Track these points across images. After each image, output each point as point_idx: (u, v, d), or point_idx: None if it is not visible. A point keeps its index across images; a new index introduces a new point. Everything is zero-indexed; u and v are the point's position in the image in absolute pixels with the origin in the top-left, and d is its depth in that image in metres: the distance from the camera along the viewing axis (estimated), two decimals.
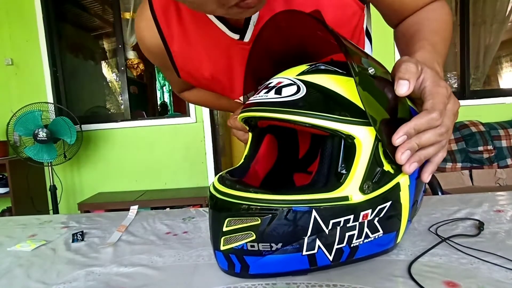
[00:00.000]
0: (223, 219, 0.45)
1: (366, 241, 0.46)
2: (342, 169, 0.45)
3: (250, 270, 0.46)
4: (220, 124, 3.45)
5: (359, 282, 0.45)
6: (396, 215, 0.48)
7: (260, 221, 0.43)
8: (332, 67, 0.49)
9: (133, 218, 0.83)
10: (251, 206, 0.44)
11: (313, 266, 0.46)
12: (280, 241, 0.44)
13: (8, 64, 3.18)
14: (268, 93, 0.48)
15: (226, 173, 0.54)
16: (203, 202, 2.80)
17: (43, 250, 0.66)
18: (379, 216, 0.46)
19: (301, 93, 0.45)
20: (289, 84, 0.47)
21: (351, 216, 0.44)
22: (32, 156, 2.70)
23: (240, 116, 0.53)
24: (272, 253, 0.44)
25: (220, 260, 0.49)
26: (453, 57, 3.44)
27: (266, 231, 0.43)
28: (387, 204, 0.46)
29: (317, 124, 0.43)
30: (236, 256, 0.46)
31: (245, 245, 0.45)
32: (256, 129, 0.58)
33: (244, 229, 0.44)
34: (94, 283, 0.50)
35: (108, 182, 3.29)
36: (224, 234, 0.46)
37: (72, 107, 3.31)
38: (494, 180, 3.03)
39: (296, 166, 0.64)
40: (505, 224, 0.62)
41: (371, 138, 0.44)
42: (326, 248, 0.45)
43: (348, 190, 0.44)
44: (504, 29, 3.51)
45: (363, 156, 0.44)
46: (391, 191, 0.46)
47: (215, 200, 0.48)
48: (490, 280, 0.43)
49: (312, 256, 0.45)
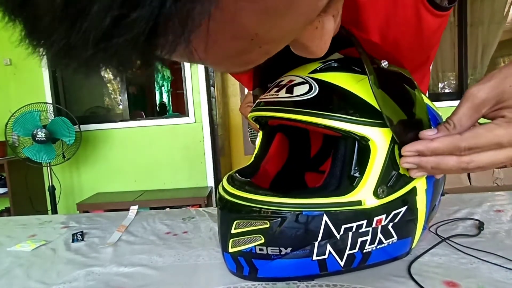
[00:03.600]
0: (232, 221, 0.44)
1: (379, 247, 0.45)
2: (356, 172, 0.43)
3: (258, 273, 0.45)
4: (219, 124, 3.45)
5: (359, 282, 0.45)
6: (412, 220, 0.46)
7: (269, 225, 0.42)
8: (345, 64, 0.47)
9: (133, 218, 0.83)
10: (260, 209, 0.42)
11: (323, 272, 0.44)
12: (290, 246, 0.42)
13: (6, 64, 3.16)
14: (279, 92, 0.46)
15: (235, 173, 0.52)
16: (202, 202, 2.80)
17: (43, 250, 0.66)
18: (393, 221, 0.44)
19: (313, 92, 0.43)
20: (301, 83, 0.45)
21: (364, 221, 0.42)
22: (30, 156, 2.69)
23: (250, 115, 0.52)
24: (281, 257, 0.43)
25: (228, 262, 0.47)
26: (451, 58, 3.45)
27: (275, 235, 0.42)
28: (403, 209, 0.44)
29: (330, 125, 0.41)
30: (244, 259, 0.45)
31: (254, 248, 0.43)
32: (267, 127, 0.56)
33: (252, 232, 0.43)
34: (94, 283, 0.50)
35: (107, 182, 3.29)
36: (233, 236, 0.44)
37: (71, 107, 3.30)
38: (492, 180, 3.04)
39: (307, 165, 0.62)
40: (505, 224, 0.63)
41: (386, 140, 0.42)
42: (337, 253, 0.43)
43: (361, 194, 0.42)
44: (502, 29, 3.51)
45: (378, 158, 0.42)
46: (407, 196, 0.44)
47: (224, 202, 0.46)
48: (490, 280, 0.43)
49: (322, 261, 0.43)
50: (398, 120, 0.41)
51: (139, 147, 3.24)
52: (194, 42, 0.15)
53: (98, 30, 0.13)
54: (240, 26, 0.17)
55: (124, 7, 0.13)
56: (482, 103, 0.39)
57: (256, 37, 0.18)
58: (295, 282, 0.45)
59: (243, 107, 0.71)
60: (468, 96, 0.40)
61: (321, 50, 0.25)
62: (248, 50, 0.20)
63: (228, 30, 0.17)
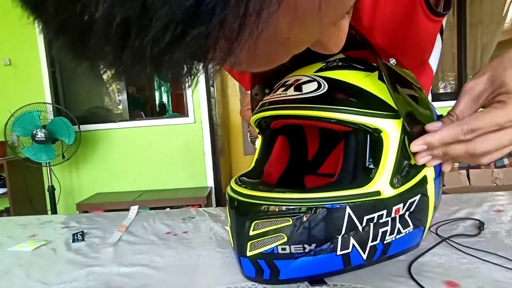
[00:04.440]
0: (249, 223, 0.42)
1: (398, 237, 0.46)
2: (370, 164, 0.44)
3: (280, 275, 0.44)
4: (219, 124, 3.45)
5: (359, 282, 0.45)
6: (425, 208, 0.48)
7: (292, 222, 0.41)
8: (348, 63, 0.47)
9: (133, 218, 0.83)
10: (281, 206, 0.41)
11: (347, 267, 0.44)
12: (314, 242, 0.42)
13: (6, 65, 3.16)
14: (287, 91, 0.46)
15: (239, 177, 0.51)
16: (202, 202, 2.80)
17: (44, 250, 0.66)
18: (409, 210, 0.45)
19: (323, 89, 0.44)
20: (309, 81, 0.45)
21: (384, 211, 0.43)
22: (30, 156, 2.69)
23: (257, 116, 0.51)
24: (305, 255, 0.42)
25: (246, 267, 0.45)
26: (451, 58, 3.45)
27: (299, 232, 0.41)
28: (417, 198, 0.45)
29: (344, 119, 0.42)
30: (265, 261, 0.43)
31: (276, 249, 0.42)
32: (267, 131, 0.56)
33: (274, 232, 0.42)
34: (95, 283, 0.50)
35: (107, 183, 3.28)
36: (251, 239, 0.43)
37: (70, 107, 3.30)
38: (491, 180, 3.04)
39: (306, 168, 0.63)
40: (505, 224, 0.63)
41: (398, 131, 0.43)
42: (360, 246, 0.43)
43: (378, 184, 0.42)
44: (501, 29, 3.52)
45: (391, 149, 0.43)
46: (419, 184, 0.46)
47: (237, 203, 0.44)
48: (490, 280, 0.43)
49: (346, 256, 0.43)
50: (407, 111, 0.42)
51: (138, 147, 3.24)
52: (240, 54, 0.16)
53: (157, 46, 0.14)
54: (276, 33, 0.18)
55: (184, 25, 0.13)
56: (480, 95, 0.43)
57: (287, 41, 0.19)
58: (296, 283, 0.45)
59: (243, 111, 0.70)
60: (466, 90, 0.44)
61: (338, 47, 0.25)
62: (276, 52, 0.20)
63: (264, 37, 0.18)
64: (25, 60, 3.18)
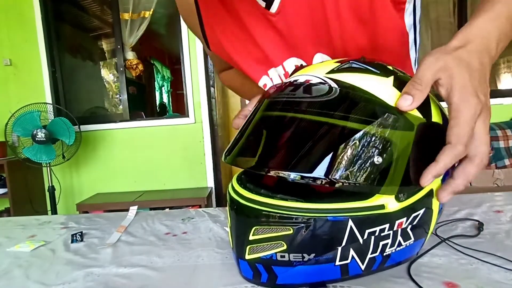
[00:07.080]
0: (250, 228, 0.42)
1: (398, 249, 0.45)
2: None
3: (278, 280, 0.44)
4: (219, 124, 3.45)
5: (359, 283, 0.45)
6: (427, 221, 0.47)
7: (293, 231, 0.40)
8: (362, 65, 0.46)
9: (133, 218, 0.83)
10: (282, 215, 0.41)
11: (344, 276, 0.44)
12: (313, 252, 0.41)
13: (6, 65, 3.16)
14: (296, 91, 0.45)
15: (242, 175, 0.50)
16: (202, 202, 2.80)
17: (42, 251, 0.66)
18: (412, 223, 0.44)
19: (334, 94, 0.42)
20: (319, 83, 0.44)
21: (386, 225, 0.42)
22: (30, 156, 2.69)
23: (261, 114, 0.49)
24: (303, 263, 0.42)
25: (244, 269, 0.46)
26: None
27: (299, 241, 0.41)
28: (421, 212, 0.44)
29: (351, 127, 0.40)
30: (263, 266, 0.43)
31: (274, 255, 0.42)
32: None
33: (274, 239, 0.41)
34: (93, 284, 0.50)
35: (107, 183, 3.28)
36: (250, 243, 0.43)
37: (70, 107, 3.30)
38: (492, 181, 3.03)
39: None
40: (505, 224, 0.63)
41: (406, 143, 0.41)
42: (360, 257, 0.43)
43: (383, 198, 0.41)
44: None
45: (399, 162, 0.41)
46: (425, 198, 0.44)
47: (238, 206, 0.44)
48: (490, 281, 0.43)
49: (344, 266, 0.43)
50: (418, 124, 0.41)
51: (139, 148, 3.24)
52: None
53: None
54: None
55: None
56: None
57: None
58: None
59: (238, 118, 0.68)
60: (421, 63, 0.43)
61: None
62: None
63: None
64: (25, 60, 3.19)
